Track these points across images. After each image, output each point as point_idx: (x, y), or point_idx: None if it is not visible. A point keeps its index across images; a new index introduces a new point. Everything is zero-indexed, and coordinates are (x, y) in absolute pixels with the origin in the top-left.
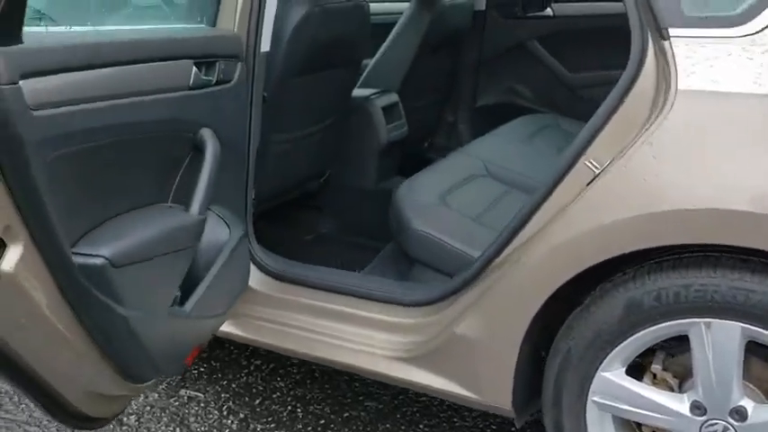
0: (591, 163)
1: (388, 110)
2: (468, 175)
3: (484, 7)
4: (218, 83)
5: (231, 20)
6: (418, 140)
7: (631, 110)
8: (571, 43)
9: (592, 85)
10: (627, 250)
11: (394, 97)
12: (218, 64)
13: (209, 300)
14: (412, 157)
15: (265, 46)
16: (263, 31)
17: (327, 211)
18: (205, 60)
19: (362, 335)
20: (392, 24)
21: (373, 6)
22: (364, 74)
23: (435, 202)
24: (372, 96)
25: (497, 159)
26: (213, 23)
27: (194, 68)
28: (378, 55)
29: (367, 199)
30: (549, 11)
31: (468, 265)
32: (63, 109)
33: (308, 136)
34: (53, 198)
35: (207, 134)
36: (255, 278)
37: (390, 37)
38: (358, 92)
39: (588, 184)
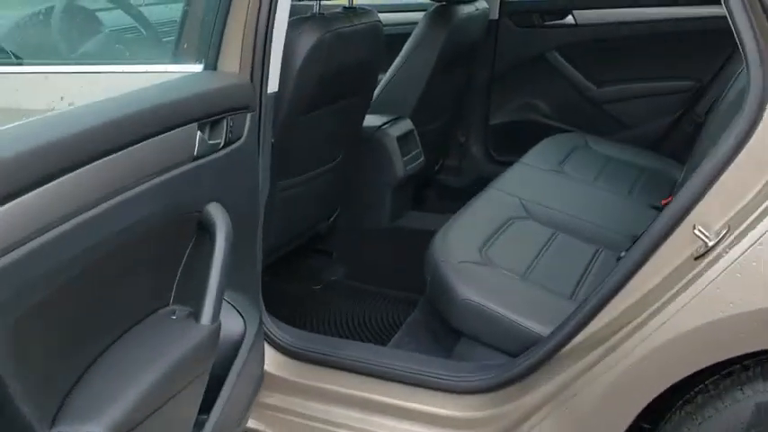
0: (701, 231)
1: (404, 139)
2: (507, 219)
3: (497, 16)
4: (226, 144)
5: (235, 59)
6: (430, 164)
7: (753, 162)
8: (595, 54)
9: (619, 99)
10: (759, 348)
11: (408, 124)
12: (226, 121)
13: (226, 420)
14: (422, 181)
15: (273, 86)
16: (271, 69)
17: (337, 255)
18: (211, 120)
19: (403, 430)
20: (406, 36)
21: (383, 17)
22: (374, 98)
23: (478, 258)
24: (385, 125)
25: (534, 195)
26: (214, 65)
27: (199, 134)
28: (388, 76)
29: (380, 239)
30: (570, 18)
31: (533, 343)
32: (25, 248)
33: (316, 177)
34: (18, 377)
35: (215, 211)
36: (267, 357)
37: (402, 56)
38: (369, 120)
39: (698, 259)
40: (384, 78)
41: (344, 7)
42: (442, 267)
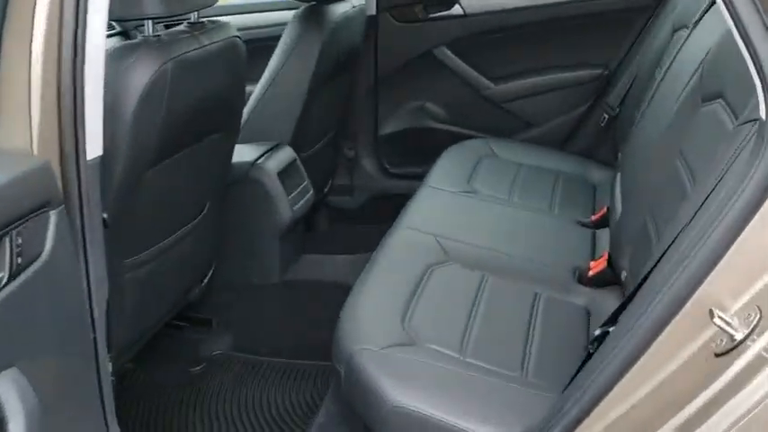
0: (722, 319)
1: (286, 173)
2: (426, 268)
3: (375, 11)
4: (14, 274)
5: (23, 130)
6: (318, 187)
7: None
8: (490, 47)
9: (520, 95)
10: None
11: (289, 153)
12: (9, 239)
13: None
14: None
15: (95, 149)
16: (88, 126)
17: (219, 322)
18: None
19: None
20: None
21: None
22: (242, 124)
23: (402, 337)
24: (261, 159)
25: (450, 228)
26: None
27: None
28: (257, 96)
29: (271, 297)
30: (457, 8)
31: None
32: None
33: (177, 241)
34: None
35: (8, 392)
36: None
37: (271, 70)
38: (240, 154)
39: (722, 356)
40: (252, 99)
41: (189, 23)
42: (360, 360)
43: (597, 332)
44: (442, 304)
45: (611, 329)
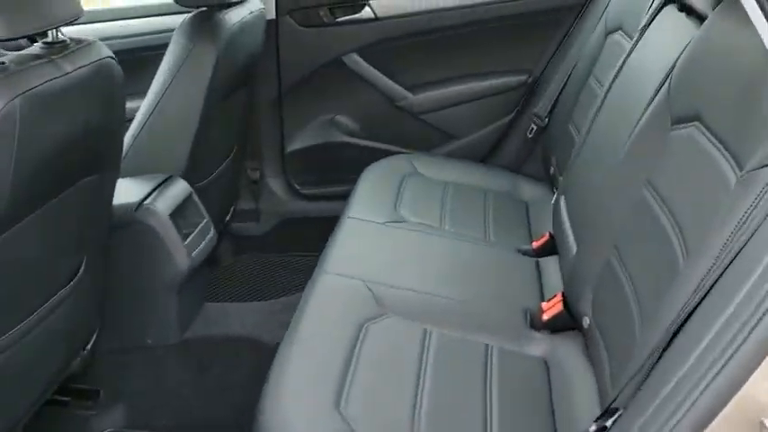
0: None
1: (180, 213)
2: (359, 326)
3: (275, 15)
4: None
5: None
6: (218, 218)
7: None
8: (406, 53)
9: (440, 106)
10: None
11: (183, 187)
12: None
13: None
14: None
15: None
16: None
17: (108, 393)
18: None
19: None
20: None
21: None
22: (124, 155)
23: (338, 426)
24: (149, 200)
25: (380, 270)
26: None
27: None
28: (140, 121)
29: (167, 361)
30: (368, 11)
31: None
32: None
33: (45, 317)
34: None
35: None
36: None
37: (155, 92)
38: (123, 192)
39: None
40: (134, 124)
41: (46, 43)
42: None
43: (592, 429)
44: (382, 375)
45: (608, 424)
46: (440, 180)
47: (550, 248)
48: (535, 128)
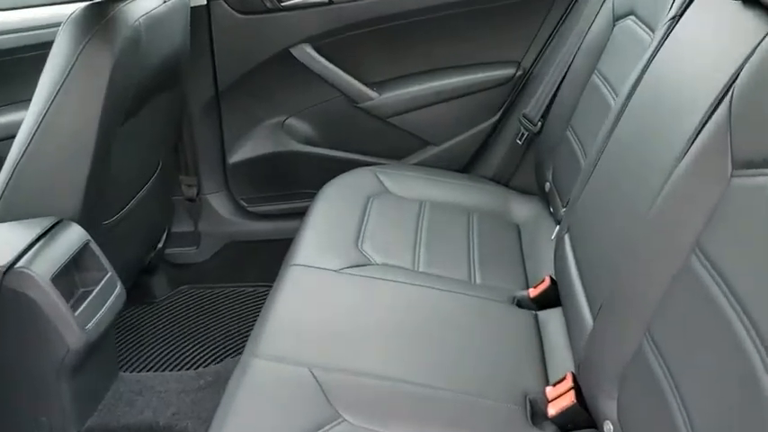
0: None
1: (71, 271)
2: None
3: (205, 0)
4: None
5: None
6: (148, 247)
7: None
8: (369, 44)
9: (413, 106)
10: None
11: (75, 235)
12: None
13: None
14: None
15: None
16: None
17: None
18: None
19: None
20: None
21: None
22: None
23: None
24: (24, 260)
25: (334, 348)
26: None
27: None
28: (19, 149)
29: None
30: None
31: None
32: None
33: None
34: None
35: None
36: None
37: (36, 112)
38: None
39: None
40: (11, 156)
41: None
42: None
43: None
44: None
45: None
46: (413, 198)
47: (552, 298)
48: (526, 133)
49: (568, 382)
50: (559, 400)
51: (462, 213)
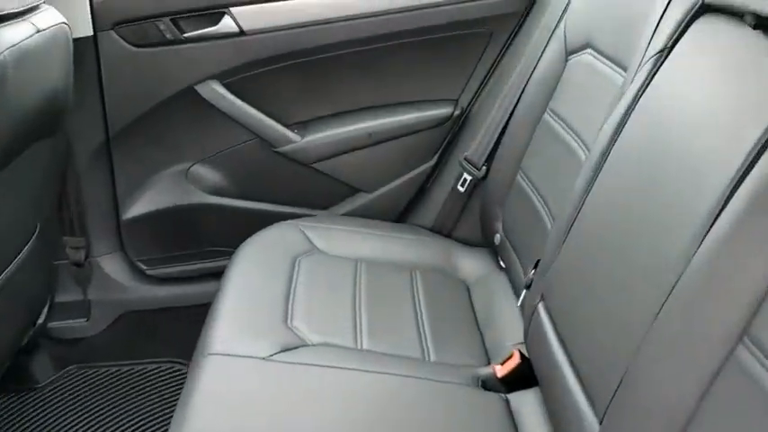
0: None
1: None
2: None
3: (92, 30)
4: None
5: None
6: (25, 324)
7: None
8: (287, 80)
9: (337, 151)
10: None
11: None
12: None
13: None
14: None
15: None
16: None
17: None
18: None
19: None
20: None
21: None
22: None
23: None
24: None
25: None
26: None
27: None
28: None
29: None
30: (229, 23)
31: None
32: None
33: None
34: None
35: None
36: None
37: None
38: None
39: None
40: None
41: None
42: None
43: None
44: None
45: None
46: (346, 256)
47: (523, 377)
48: (468, 178)
49: None
50: None
51: (403, 271)
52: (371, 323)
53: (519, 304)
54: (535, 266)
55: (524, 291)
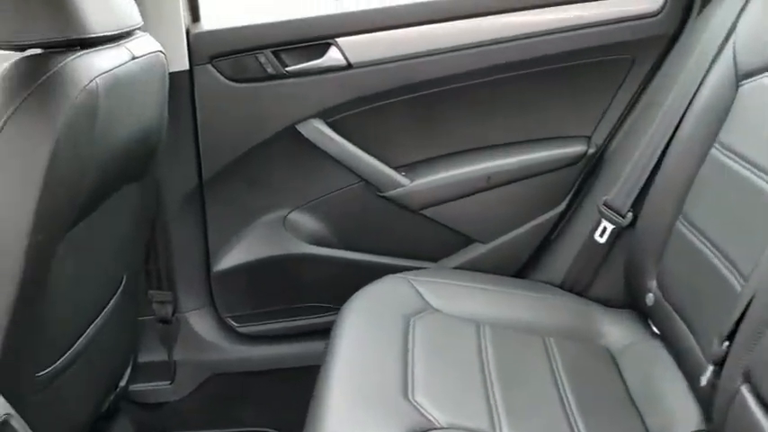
0: None
1: None
2: None
3: (188, 64)
4: None
5: None
6: (106, 389)
7: None
8: (395, 119)
9: (450, 196)
10: None
11: None
12: None
13: None
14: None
15: None
16: None
17: None
18: None
19: None
20: None
21: None
22: None
23: None
24: None
25: None
26: None
27: None
28: None
29: None
30: (335, 55)
31: None
32: None
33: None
34: None
35: None
36: None
37: None
38: None
39: None
40: None
41: None
42: None
43: None
44: None
45: None
46: (465, 317)
47: None
48: (609, 226)
49: None
50: None
51: (534, 336)
52: (508, 402)
53: (704, 383)
54: (728, 337)
55: (711, 367)
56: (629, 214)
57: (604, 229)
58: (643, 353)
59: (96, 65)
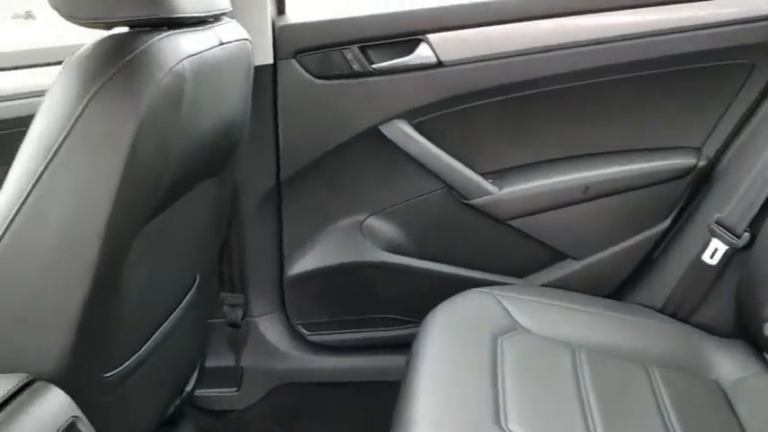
0: None
1: None
2: None
3: (272, 59)
4: None
5: None
6: (173, 392)
7: None
8: (486, 121)
9: (540, 207)
10: None
11: (54, 405)
12: None
13: None
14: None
15: None
16: None
17: None
18: None
19: None
20: None
21: None
22: None
23: None
24: None
25: None
26: None
27: None
28: None
29: None
30: (425, 51)
31: None
32: None
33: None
34: None
35: None
36: None
37: (10, 201)
38: None
39: None
40: None
41: None
42: None
43: None
44: None
45: None
46: (558, 339)
47: None
48: (723, 247)
49: None
50: None
51: (635, 365)
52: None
53: None
54: None
55: None
56: (746, 234)
57: (715, 250)
58: (759, 388)
59: (183, 47)
